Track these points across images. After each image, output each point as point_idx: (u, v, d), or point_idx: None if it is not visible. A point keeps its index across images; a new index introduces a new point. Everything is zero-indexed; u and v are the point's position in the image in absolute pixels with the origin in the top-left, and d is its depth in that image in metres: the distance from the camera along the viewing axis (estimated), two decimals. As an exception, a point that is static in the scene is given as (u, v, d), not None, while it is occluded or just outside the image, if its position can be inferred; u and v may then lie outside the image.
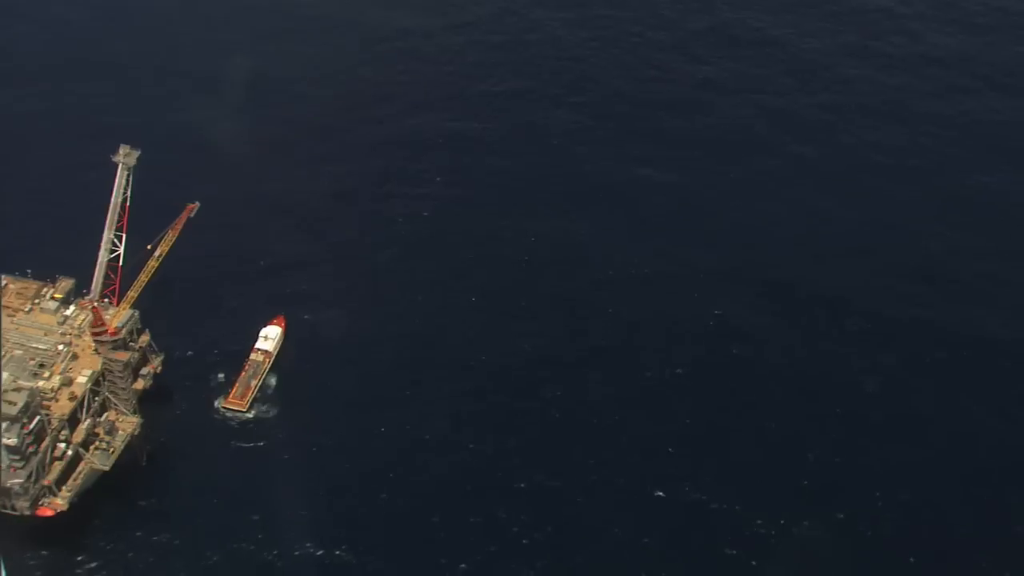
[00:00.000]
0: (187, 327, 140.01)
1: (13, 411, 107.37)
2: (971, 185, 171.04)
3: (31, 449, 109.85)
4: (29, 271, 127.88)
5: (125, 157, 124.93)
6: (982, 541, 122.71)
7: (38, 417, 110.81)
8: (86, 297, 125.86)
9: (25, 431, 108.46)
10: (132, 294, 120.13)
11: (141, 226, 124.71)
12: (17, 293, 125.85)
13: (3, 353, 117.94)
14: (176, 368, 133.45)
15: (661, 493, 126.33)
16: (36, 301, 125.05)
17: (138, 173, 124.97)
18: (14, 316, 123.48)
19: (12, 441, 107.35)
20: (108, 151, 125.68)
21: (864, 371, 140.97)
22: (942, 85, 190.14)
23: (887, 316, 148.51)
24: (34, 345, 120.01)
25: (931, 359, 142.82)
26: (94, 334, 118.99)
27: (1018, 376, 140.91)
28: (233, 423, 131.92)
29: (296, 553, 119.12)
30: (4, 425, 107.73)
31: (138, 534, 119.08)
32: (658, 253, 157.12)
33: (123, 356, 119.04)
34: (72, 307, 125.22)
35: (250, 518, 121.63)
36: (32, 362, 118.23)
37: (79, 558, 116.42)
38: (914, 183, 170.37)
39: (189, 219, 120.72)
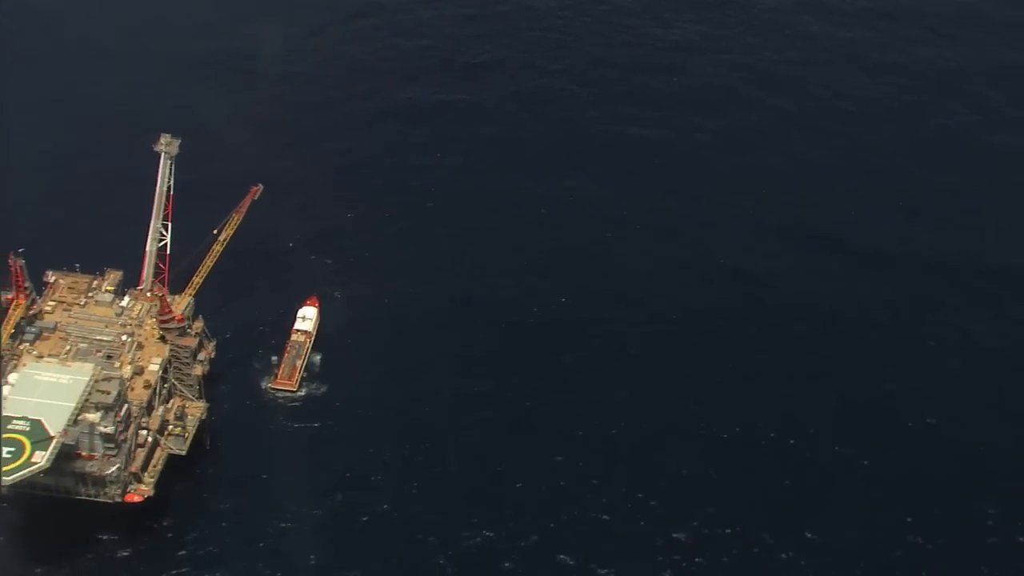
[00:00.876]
0: (221, 312, 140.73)
1: (109, 400, 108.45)
2: (934, 127, 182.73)
3: (122, 437, 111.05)
4: (78, 266, 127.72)
5: (167, 146, 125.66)
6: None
7: (126, 405, 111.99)
8: (139, 287, 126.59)
9: (117, 419, 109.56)
10: (197, 280, 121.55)
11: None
12: (68, 288, 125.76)
13: (68, 347, 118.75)
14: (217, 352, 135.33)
15: (703, 425, 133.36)
16: (90, 294, 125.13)
17: (143, 160, 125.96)
18: (70, 310, 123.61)
19: (109, 429, 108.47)
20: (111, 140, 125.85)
21: (868, 298, 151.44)
22: (895, 37, 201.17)
23: (881, 249, 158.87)
24: (98, 337, 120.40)
25: (924, 283, 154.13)
26: (161, 322, 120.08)
27: (1010, 298, 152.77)
28: (286, 403, 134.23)
29: (377, 512, 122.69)
30: (99, 415, 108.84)
31: (220, 521, 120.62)
32: (658, 206, 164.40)
33: (190, 342, 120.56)
34: (127, 298, 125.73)
35: (322, 490, 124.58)
36: (99, 354, 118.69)
37: (167, 541, 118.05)
38: (884, 127, 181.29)
39: (253, 202, 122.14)
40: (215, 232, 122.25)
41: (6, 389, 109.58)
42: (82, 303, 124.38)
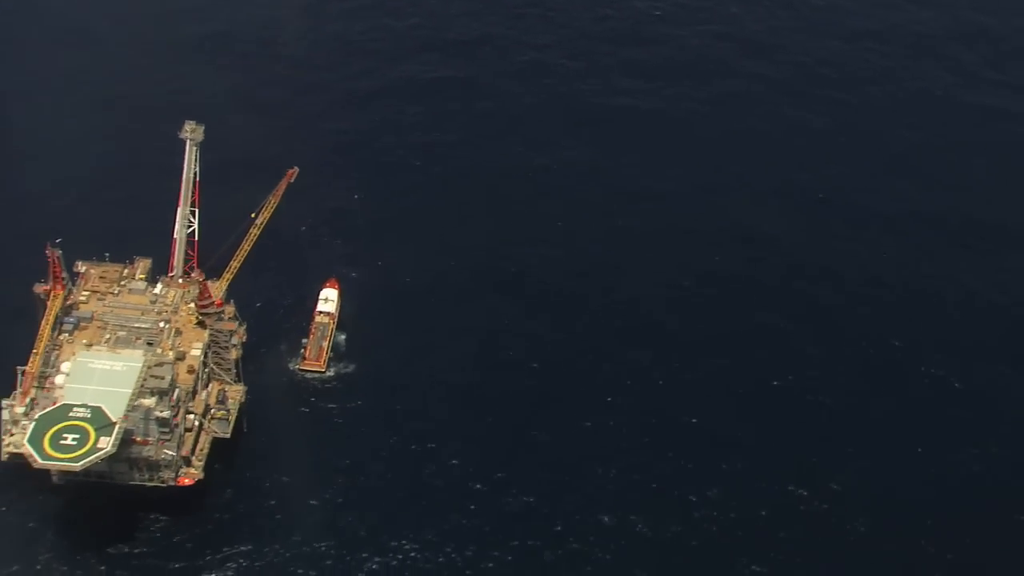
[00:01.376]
0: (240, 296, 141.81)
1: (164, 384, 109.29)
2: (915, 90, 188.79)
3: (175, 421, 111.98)
4: (107, 255, 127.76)
5: (192, 133, 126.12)
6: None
7: (177, 390, 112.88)
8: (170, 274, 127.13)
9: (171, 403, 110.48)
10: (235, 264, 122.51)
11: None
12: (100, 277, 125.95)
13: (107, 336, 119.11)
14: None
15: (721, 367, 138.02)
16: (123, 283, 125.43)
17: (139, 143, 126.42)
18: (104, 299, 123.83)
19: (165, 414, 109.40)
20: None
21: (866, 253, 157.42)
22: (869, 4, 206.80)
23: (873, 206, 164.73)
24: (136, 325, 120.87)
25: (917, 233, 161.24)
26: (201, 307, 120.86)
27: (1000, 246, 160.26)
28: (317, 383, 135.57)
29: (422, 480, 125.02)
30: (154, 400, 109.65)
31: (269, 499, 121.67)
32: (657, 172, 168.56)
33: (230, 326, 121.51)
34: (159, 285, 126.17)
35: (366, 463, 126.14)
36: (139, 341, 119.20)
37: (219, 523, 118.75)
38: (866, 90, 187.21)
39: (289, 184, 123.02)
40: (252, 216, 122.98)
41: (60, 378, 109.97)
42: (115, 292, 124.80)
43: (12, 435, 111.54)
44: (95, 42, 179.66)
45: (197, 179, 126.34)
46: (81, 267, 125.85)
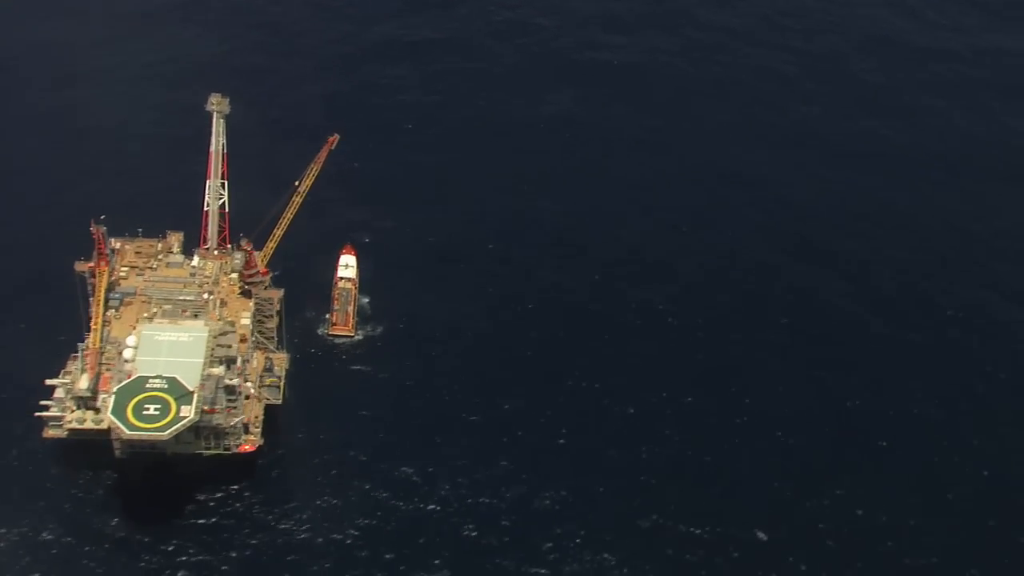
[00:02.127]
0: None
1: (233, 353, 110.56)
2: (870, 35, 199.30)
3: (240, 389, 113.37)
4: (140, 230, 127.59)
5: (217, 105, 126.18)
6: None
7: (240, 358, 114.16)
8: (204, 247, 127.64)
9: (237, 371, 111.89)
10: (278, 232, 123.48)
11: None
12: (135, 252, 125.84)
13: (154, 310, 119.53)
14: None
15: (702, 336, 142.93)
16: (160, 258, 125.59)
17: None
18: (143, 274, 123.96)
19: (234, 381, 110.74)
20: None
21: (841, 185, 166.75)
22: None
23: (845, 144, 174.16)
24: (180, 298, 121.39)
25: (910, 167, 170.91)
26: (247, 276, 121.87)
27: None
28: (349, 347, 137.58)
29: (470, 428, 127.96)
30: (221, 368, 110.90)
31: (315, 461, 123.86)
32: (640, 120, 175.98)
33: (276, 294, 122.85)
34: (196, 258, 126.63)
35: (410, 418, 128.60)
36: (186, 313, 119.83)
37: (279, 488, 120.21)
38: (826, 38, 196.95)
39: (331, 151, 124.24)
40: (296, 184, 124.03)
41: (128, 352, 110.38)
42: (153, 267, 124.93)
43: (73, 411, 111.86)
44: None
45: (225, 151, 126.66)
46: (116, 244, 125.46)
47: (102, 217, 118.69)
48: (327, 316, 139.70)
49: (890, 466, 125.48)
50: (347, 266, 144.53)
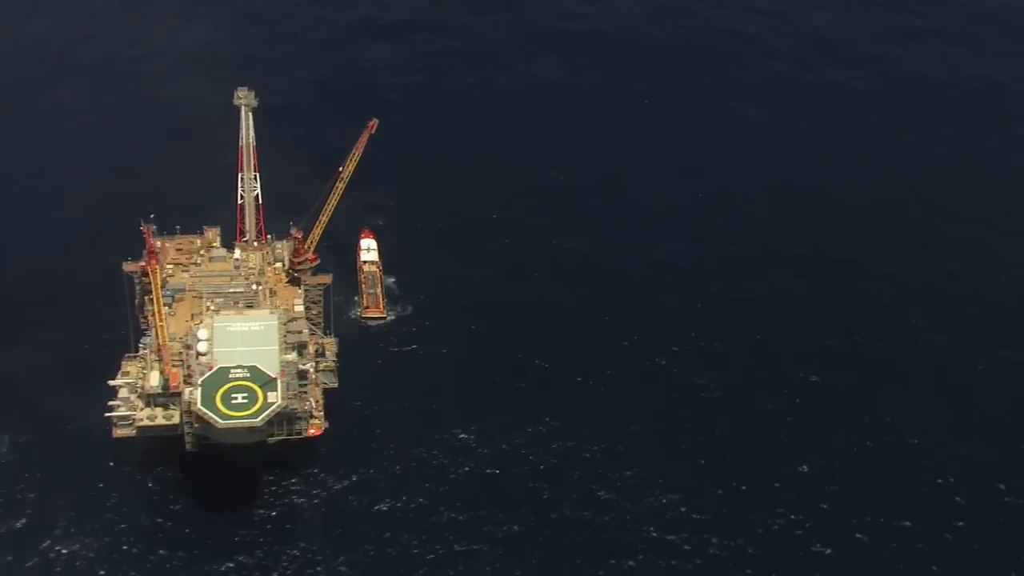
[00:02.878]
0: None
1: (304, 338, 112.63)
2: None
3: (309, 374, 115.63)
4: (178, 227, 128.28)
5: (245, 99, 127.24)
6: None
7: (307, 344, 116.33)
8: (244, 239, 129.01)
9: (308, 356, 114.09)
10: (324, 219, 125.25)
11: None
12: (177, 249, 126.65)
13: (207, 304, 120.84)
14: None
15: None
16: (202, 253, 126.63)
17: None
18: (187, 270, 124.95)
19: (307, 366, 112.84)
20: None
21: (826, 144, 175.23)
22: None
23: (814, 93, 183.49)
24: (230, 291, 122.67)
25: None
26: (296, 264, 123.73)
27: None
28: (384, 329, 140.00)
29: (514, 405, 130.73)
30: (294, 354, 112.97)
31: (377, 433, 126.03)
32: (622, 86, 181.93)
33: (326, 279, 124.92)
34: (237, 251, 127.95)
35: (461, 394, 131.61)
36: (238, 305, 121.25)
37: (336, 470, 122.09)
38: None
39: (371, 136, 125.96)
40: (339, 169, 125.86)
41: (203, 345, 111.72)
42: (197, 262, 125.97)
43: (141, 409, 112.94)
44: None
45: (255, 144, 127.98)
46: (156, 242, 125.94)
47: (152, 216, 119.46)
48: (356, 299, 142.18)
49: (915, 385, 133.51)
50: (369, 250, 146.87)
